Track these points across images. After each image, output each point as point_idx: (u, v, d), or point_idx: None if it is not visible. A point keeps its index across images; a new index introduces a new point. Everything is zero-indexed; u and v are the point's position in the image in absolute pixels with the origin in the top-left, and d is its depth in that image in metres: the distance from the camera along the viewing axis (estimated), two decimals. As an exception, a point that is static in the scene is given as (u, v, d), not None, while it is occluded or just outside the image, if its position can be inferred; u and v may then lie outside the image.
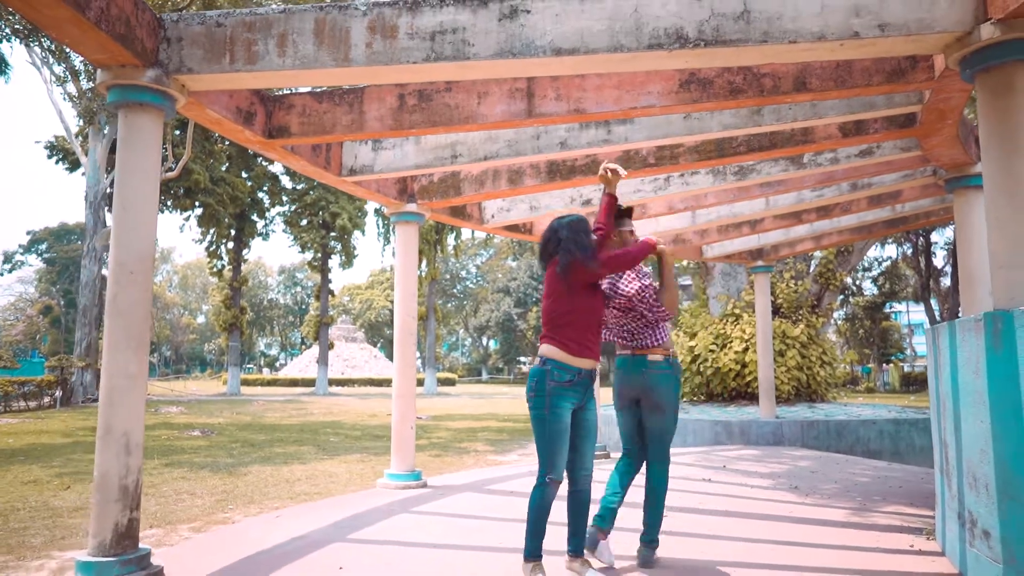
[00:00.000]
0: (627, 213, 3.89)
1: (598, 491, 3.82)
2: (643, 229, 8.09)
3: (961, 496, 3.38)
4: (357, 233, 36.95)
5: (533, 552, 3.28)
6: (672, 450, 9.31)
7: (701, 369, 12.40)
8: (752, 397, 12.23)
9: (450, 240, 38.08)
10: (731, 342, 12.26)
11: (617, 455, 8.84)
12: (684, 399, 13.23)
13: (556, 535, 3.65)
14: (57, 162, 28.59)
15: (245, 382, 44.00)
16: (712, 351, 12.32)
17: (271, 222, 37.24)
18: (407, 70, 3.44)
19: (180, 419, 17.02)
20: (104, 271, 25.26)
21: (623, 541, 4.07)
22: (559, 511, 3.45)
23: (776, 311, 13.18)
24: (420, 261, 32.77)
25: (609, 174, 3.64)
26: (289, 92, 4.66)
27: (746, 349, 12.00)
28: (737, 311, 12.91)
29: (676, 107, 3.98)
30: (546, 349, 3.33)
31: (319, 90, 4.62)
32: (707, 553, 3.96)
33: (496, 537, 4.39)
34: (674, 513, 5.06)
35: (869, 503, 5.49)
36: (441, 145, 5.22)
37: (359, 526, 4.70)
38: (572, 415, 3.33)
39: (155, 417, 17.56)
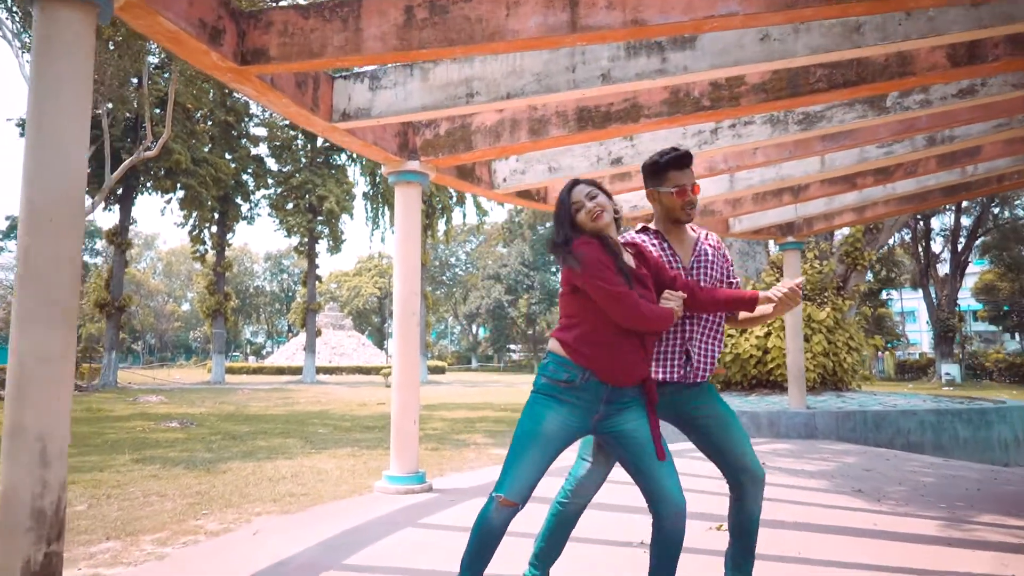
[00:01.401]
0: (680, 162, 2.71)
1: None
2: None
3: None
4: (345, 217, 35.90)
5: None
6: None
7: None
8: (774, 385, 11.42)
9: (440, 225, 37.10)
10: (752, 326, 11.39)
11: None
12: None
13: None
14: (31, 141, 27.31)
15: (230, 370, 42.99)
16: (731, 336, 11.48)
17: (256, 206, 36.06)
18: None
19: (159, 409, 16.07)
20: (90, 257, 24.15)
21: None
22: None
23: (799, 293, 12.31)
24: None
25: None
26: (267, 7, 3.72)
27: (768, 334, 11.17)
28: (757, 293, 12.02)
29: (764, 16, 3.09)
30: (551, 342, 2.55)
31: (304, 3, 3.69)
32: (801, 584, 3.12)
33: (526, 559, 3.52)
34: (734, 525, 4.22)
35: (957, 511, 4.67)
36: (453, 81, 4.30)
37: (356, 545, 3.82)
38: (612, 435, 2.46)
39: (132, 407, 16.59)
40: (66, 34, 2.69)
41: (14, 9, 20.13)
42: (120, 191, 27.28)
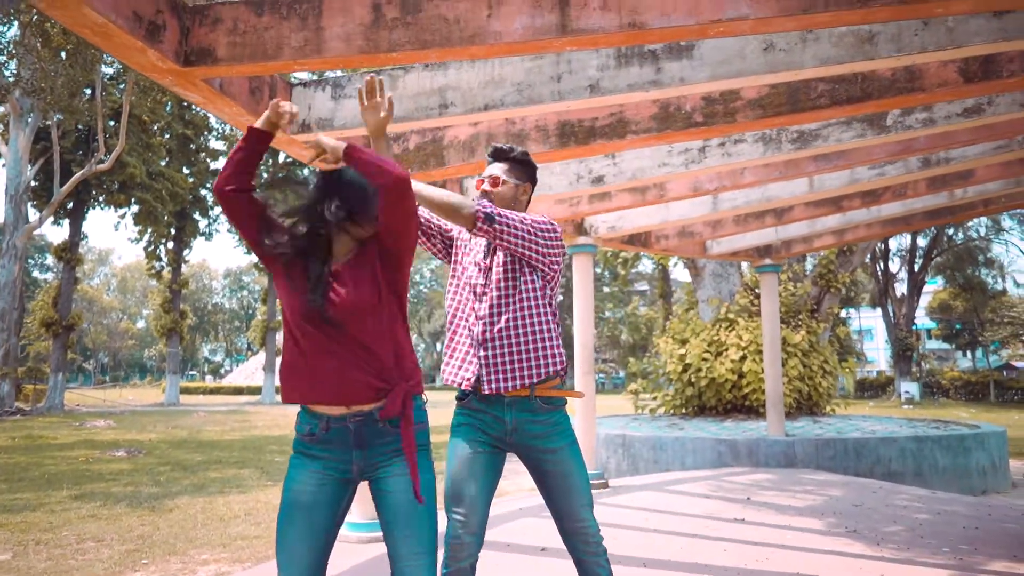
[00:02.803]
0: (493, 153, 2.77)
1: None
2: (653, 217, 6.92)
3: None
4: (308, 234, 35.07)
5: None
6: (676, 475, 8.19)
7: (693, 380, 11.26)
8: (749, 411, 11.17)
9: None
10: (726, 350, 11.16)
11: (619, 484, 7.49)
12: (674, 413, 12.07)
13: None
14: (-25, 152, 26.12)
15: (186, 390, 41.69)
16: (705, 360, 11.20)
17: (215, 221, 35.06)
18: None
19: (106, 435, 15.20)
20: (40, 272, 23.04)
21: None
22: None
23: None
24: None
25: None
26: (215, 1, 3.30)
27: (743, 358, 10.92)
28: (731, 316, 11.83)
29: (777, 21, 2.78)
30: None
31: (259, -1, 3.26)
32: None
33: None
34: (732, 579, 3.86)
35: (964, 556, 4.38)
36: (425, 90, 3.91)
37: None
38: (374, 492, 2.01)
39: (77, 433, 15.67)
40: None
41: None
42: (71, 205, 26.20)
